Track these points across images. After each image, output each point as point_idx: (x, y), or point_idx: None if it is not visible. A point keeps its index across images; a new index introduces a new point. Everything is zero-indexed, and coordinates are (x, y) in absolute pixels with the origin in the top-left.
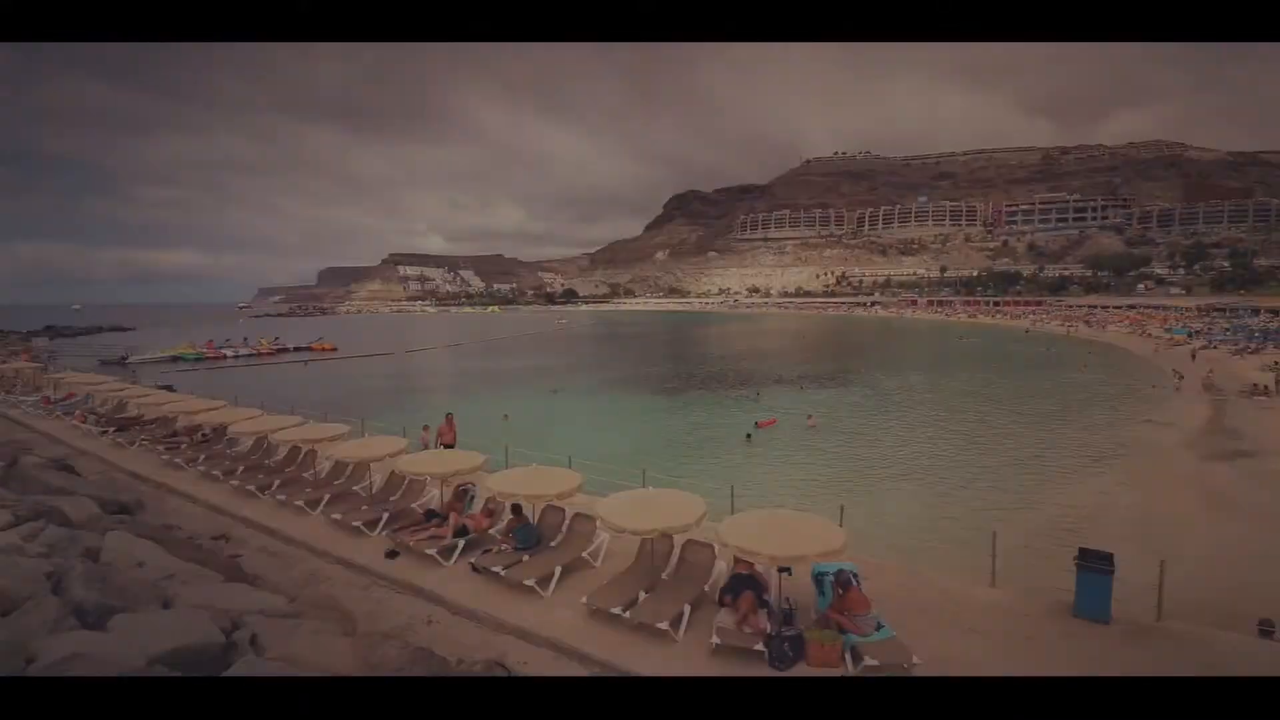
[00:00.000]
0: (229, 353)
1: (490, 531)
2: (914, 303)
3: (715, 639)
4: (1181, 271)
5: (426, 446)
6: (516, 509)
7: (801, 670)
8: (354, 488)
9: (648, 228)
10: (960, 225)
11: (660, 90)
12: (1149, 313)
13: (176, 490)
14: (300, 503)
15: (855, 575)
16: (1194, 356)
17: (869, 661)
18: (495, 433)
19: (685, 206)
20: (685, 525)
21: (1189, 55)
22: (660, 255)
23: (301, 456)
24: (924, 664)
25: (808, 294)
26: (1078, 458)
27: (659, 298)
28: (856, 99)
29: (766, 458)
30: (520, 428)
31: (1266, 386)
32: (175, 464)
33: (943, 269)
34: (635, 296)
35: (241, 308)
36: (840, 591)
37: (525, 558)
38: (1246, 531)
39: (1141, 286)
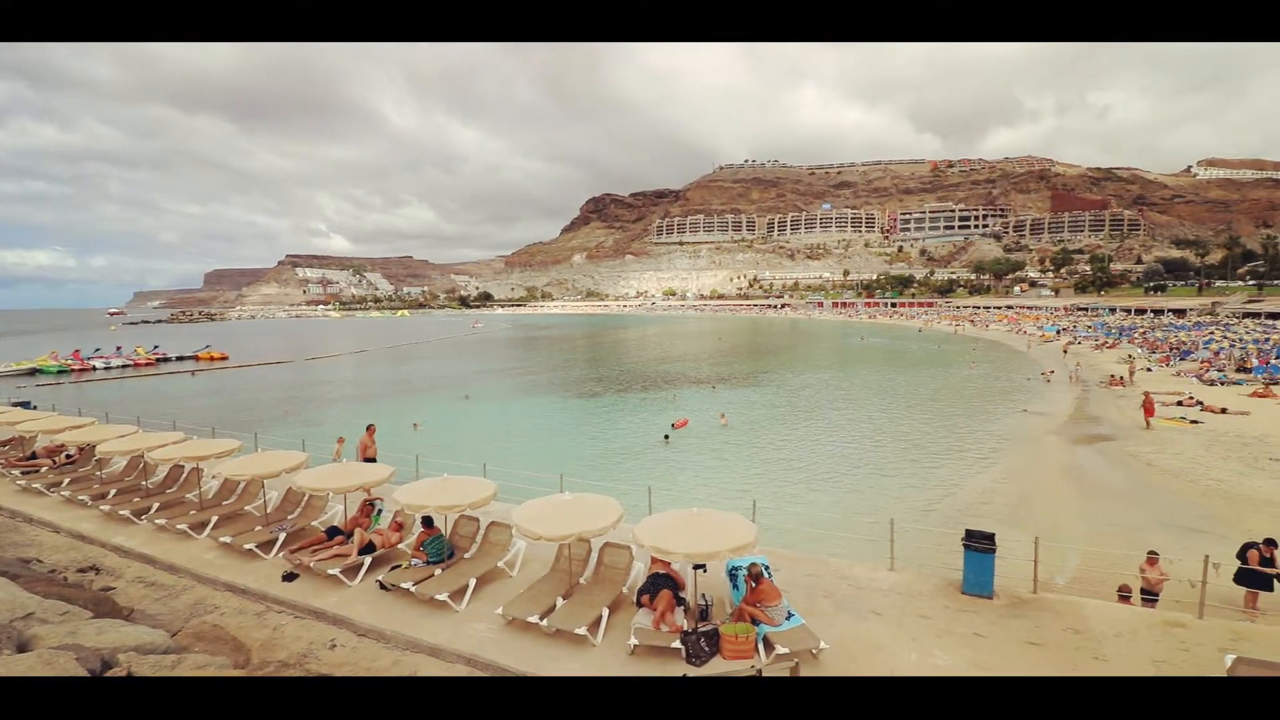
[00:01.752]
0: (99, 364)
1: (400, 546)
2: (820, 305)
3: (633, 639)
4: (1050, 275)
5: (339, 459)
6: (427, 521)
7: (718, 665)
8: (246, 508)
9: (564, 230)
10: (860, 232)
11: (574, 92)
12: (1024, 312)
13: (35, 519)
14: (184, 526)
15: (767, 568)
16: (1066, 351)
17: (780, 650)
18: (405, 442)
19: (602, 210)
20: (602, 529)
21: (1054, 81)
22: (577, 258)
23: (184, 476)
24: (830, 648)
25: (722, 297)
26: (967, 446)
27: (577, 300)
28: (764, 108)
29: (683, 458)
30: (432, 436)
31: (1122, 377)
32: (34, 489)
33: (845, 272)
34: (553, 299)
35: (113, 314)
36: (753, 584)
37: (438, 571)
38: (1106, 508)
39: (1018, 288)
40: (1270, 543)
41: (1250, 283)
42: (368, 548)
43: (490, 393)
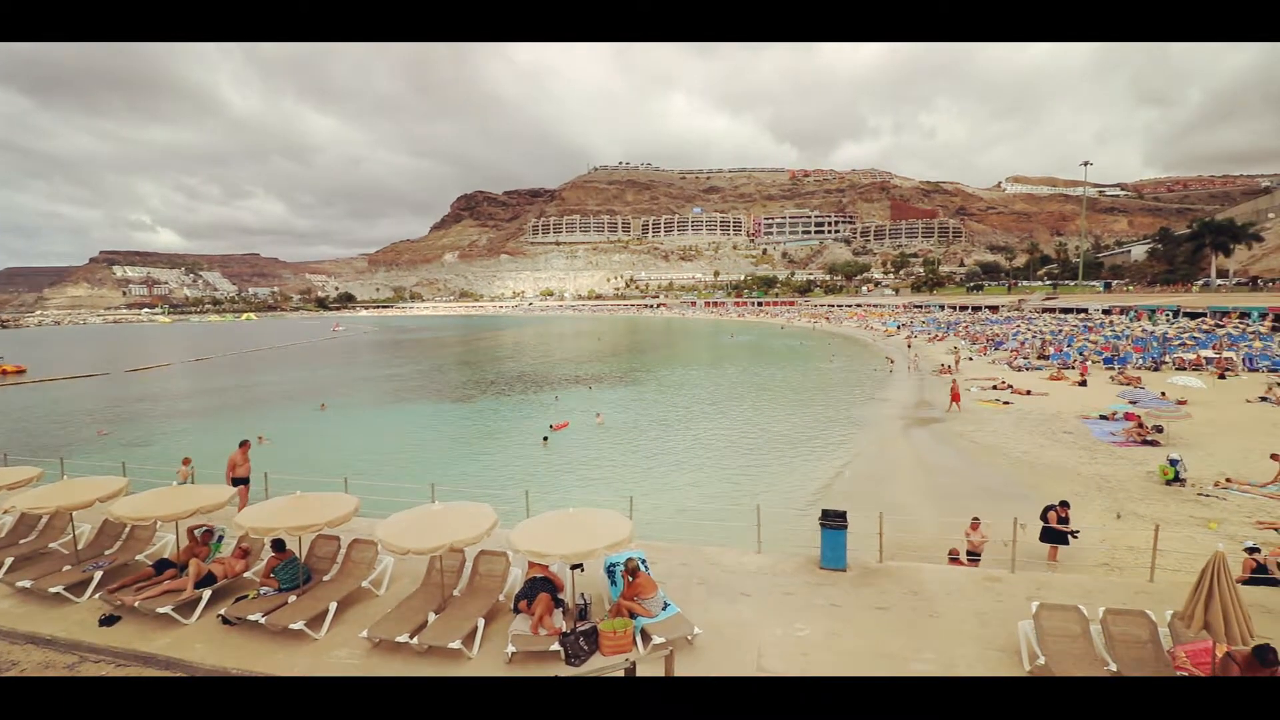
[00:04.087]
0: None
1: (246, 575)
2: (693, 304)
3: (510, 647)
4: (892, 276)
5: (186, 483)
6: (278, 545)
7: (597, 662)
8: (51, 545)
9: (434, 228)
10: (729, 235)
11: (441, 85)
12: (871, 310)
13: None
14: None
15: (643, 561)
16: (910, 345)
17: (657, 640)
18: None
19: (474, 207)
20: (476, 537)
21: (892, 102)
22: (449, 257)
23: None
24: (703, 632)
25: (599, 297)
26: (825, 432)
27: (449, 302)
28: (636, 111)
29: (562, 459)
30: (283, 451)
31: (949, 366)
32: None
33: (716, 274)
34: (423, 300)
35: None
36: (630, 579)
37: (292, 598)
38: (939, 481)
39: (865, 289)
40: (1064, 504)
41: (1047, 282)
42: (207, 579)
43: (353, 401)
